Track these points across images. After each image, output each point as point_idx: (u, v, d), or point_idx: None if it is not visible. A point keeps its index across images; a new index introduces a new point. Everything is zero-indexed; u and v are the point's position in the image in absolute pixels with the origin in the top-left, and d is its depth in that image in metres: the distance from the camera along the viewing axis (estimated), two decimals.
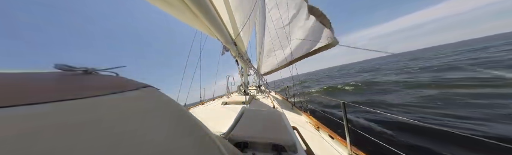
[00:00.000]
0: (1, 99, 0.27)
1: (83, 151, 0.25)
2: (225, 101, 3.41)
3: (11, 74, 0.37)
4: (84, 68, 0.49)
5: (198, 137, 0.43)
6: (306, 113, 3.79)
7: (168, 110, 0.46)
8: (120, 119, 0.34)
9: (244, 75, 5.14)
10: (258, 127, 1.41)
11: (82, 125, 0.29)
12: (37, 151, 0.22)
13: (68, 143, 0.25)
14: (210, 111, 2.24)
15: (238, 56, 3.88)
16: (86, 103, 0.34)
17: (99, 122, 0.31)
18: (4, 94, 0.28)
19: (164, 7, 1.60)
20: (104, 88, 0.42)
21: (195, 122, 0.48)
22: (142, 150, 0.31)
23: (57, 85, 0.37)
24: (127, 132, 0.32)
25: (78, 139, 0.26)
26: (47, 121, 0.27)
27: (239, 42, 3.44)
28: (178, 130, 0.40)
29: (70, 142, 0.25)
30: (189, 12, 1.60)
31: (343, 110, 1.93)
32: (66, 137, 0.26)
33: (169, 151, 0.34)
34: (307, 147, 1.56)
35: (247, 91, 4.94)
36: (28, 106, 0.27)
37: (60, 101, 0.31)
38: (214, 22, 1.88)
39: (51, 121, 0.27)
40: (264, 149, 1.19)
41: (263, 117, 1.73)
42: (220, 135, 1.36)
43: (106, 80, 0.48)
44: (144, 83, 0.51)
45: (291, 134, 1.28)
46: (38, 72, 0.42)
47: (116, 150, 0.28)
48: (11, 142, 0.22)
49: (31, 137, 0.23)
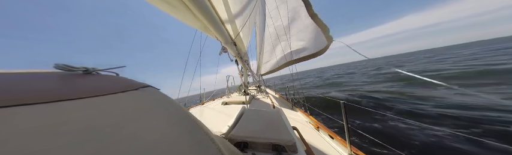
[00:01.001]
0: (1, 99, 0.27)
1: (83, 150, 0.25)
2: (225, 101, 3.41)
3: (11, 74, 0.37)
4: (84, 68, 0.49)
5: (198, 137, 0.43)
6: (306, 113, 3.79)
7: (168, 110, 0.46)
8: (120, 119, 0.34)
9: (244, 75, 5.14)
10: (258, 127, 1.41)
11: (82, 125, 0.29)
12: (37, 151, 0.22)
13: (68, 143, 0.25)
14: (210, 111, 2.24)
15: (238, 57, 3.88)
16: (86, 103, 0.34)
17: (99, 122, 0.31)
18: (4, 94, 0.28)
19: (163, 7, 1.60)
20: (104, 87, 0.42)
21: (195, 122, 0.48)
22: (142, 150, 0.31)
23: (57, 85, 0.37)
24: (127, 132, 0.32)
25: (78, 139, 0.26)
26: (47, 121, 0.27)
27: (239, 43, 3.44)
28: (178, 130, 0.40)
29: (70, 142, 0.26)
30: (188, 12, 1.60)
31: (343, 110, 1.93)
32: (67, 137, 0.26)
33: (168, 151, 0.34)
34: (307, 147, 1.56)
35: (247, 91, 4.93)
36: (28, 106, 0.27)
37: (60, 101, 0.31)
38: (213, 22, 1.88)
39: (51, 121, 0.27)
40: (263, 149, 1.19)
41: (263, 117, 1.73)
42: (220, 135, 1.36)
43: (106, 80, 0.48)
44: (144, 83, 0.51)
45: (291, 134, 1.28)
46: (38, 72, 0.43)
47: (115, 150, 0.28)
48: (11, 142, 0.22)
49: (31, 137, 0.23)
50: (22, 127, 0.24)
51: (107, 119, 0.32)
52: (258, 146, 1.20)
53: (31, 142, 0.23)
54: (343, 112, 1.93)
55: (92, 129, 0.29)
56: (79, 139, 0.27)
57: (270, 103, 3.60)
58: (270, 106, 3.36)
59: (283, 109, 4.02)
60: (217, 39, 2.73)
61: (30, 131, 0.24)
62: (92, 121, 0.30)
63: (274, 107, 3.26)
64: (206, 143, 0.43)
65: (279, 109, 3.27)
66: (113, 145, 0.29)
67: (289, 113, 3.90)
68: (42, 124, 0.26)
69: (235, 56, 3.83)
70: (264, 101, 3.81)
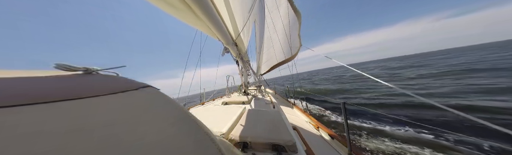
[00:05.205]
0: (1, 99, 0.27)
1: (83, 150, 0.25)
2: (225, 101, 3.40)
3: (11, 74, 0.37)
4: (84, 68, 0.49)
5: (198, 137, 0.43)
6: (306, 113, 3.78)
7: (168, 110, 0.46)
8: (120, 119, 0.34)
9: (244, 76, 5.14)
10: (258, 127, 1.41)
11: (82, 125, 0.29)
12: (37, 151, 0.22)
13: (68, 143, 0.25)
14: (210, 111, 2.24)
15: (239, 57, 3.87)
16: (86, 102, 0.34)
17: (99, 122, 0.31)
18: (4, 94, 0.28)
19: (165, 8, 1.60)
20: (104, 87, 0.42)
21: (195, 122, 0.48)
22: (142, 150, 0.31)
23: (57, 84, 0.37)
24: (127, 132, 0.32)
25: (78, 138, 0.26)
26: (47, 121, 0.27)
27: (239, 43, 3.44)
28: (178, 130, 0.40)
29: (70, 141, 0.26)
30: (190, 12, 1.60)
31: (343, 110, 1.93)
32: (67, 137, 0.26)
33: (169, 151, 0.34)
34: (307, 147, 1.56)
35: (247, 91, 4.93)
36: (28, 106, 0.27)
37: (60, 101, 0.31)
38: (215, 22, 1.88)
39: (51, 121, 0.27)
40: (264, 149, 1.19)
41: (263, 117, 1.73)
42: (220, 135, 1.36)
43: (106, 80, 0.48)
44: (144, 83, 0.51)
45: (291, 134, 1.28)
46: (38, 72, 0.43)
47: (116, 150, 0.28)
48: (12, 142, 0.22)
49: (31, 137, 0.23)
50: (22, 127, 0.24)
51: (107, 119, 0.32)
52: (258, 146, 1.20)
53: (31, 142, 0.23)
54: (343, 112, 1.93)
55: (92, 129, 0.29)
56: (79, 138, 0.27)
57: (270, 103, 3.60)
58: (270, 106, 3.36)
59: (283, 109, 4.01)
60: (219, 40, 2.73)
61: (30, 131, 0.24)
62: (92, 121, 0.30)
63: (274, 107, 3.26)
64: (206, 143, 0.43)
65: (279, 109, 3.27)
66: (113, 145, 0.29)
67: (289, 113, 3.89)
68: (42, 124, 0.26)
69: (236, 56, 3.83)
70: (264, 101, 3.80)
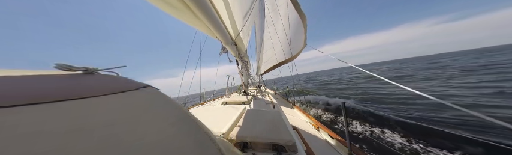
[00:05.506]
0: (1, 99, 0.27)
1: (83, 150, 0.25)
2: (225, 101, 3.40)
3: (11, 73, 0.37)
4: (84, 68, 0.49)
5: (198, 137, 0.43)
6: (306, 113, 3.79)
7: (168, 110, 0.46)
8: (120, 119, 0.34)
9: (244, 76, 5.13)
10: (258, 127, 1.41)
11: (82, 125, 0.29)
12: (37, 151, 0.22)
13: (68, 143, 0.25)
14: (210, 111, 2.24)
15: (238, 57, 3.87)
16: (86, 103, 0.34)
17: (99, 122, 0.31)
18: (4, 94, 0.28)
19: (164, 7, 1.60)
20: (104, 87, 0.42)
21: (195, 122, 0.48)
22: (142, 150, 0.31)
23: (57, 84, 0.37)
24: (127, 132, 0.32)
25: (78, 138, 0.26)
26: (47, 121, 0.27)
27: (239, 43, 3.44)
28: (178, 130, 0.40)
29: (70, 141, 0.25)
30: (189, 12, 1.60)
31: (343, 110, 1.93)
32: (67, 137, 0.26)
33: (169, 151, 0.34)
34: (307, 147, 1.56)
35: (247, 91, 4.92)
36: (28, 106, 0.27)
37: (60, 101, 0.31)
38: (214, 22, 1.88)
39: (51, 121, 0.27)
40: (263, 149, 1.19)
41: (263, 117, 1.72)
42: (220, 135, 1.36)
43: (106, 80, 0.48)
44: (144, 83, 0.51)
45: (291, 134, 1.27)
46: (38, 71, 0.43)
47: (116, 150, 0.28)
48: (12, 142, 0.22)
49: (31, 137, 0.23)
50: (22, 127, 0.24)
51: (107, 119, 0.32)
52: (258, 146, 1.20)
53: (31, 142, 0.23)
54: (344, 112, 1.93)
55: (92, 129, 0.29)
56: (79, 138, 0.27)
57: (270, 103, 3.60)
58: (270, 106, 3.36)
59: (283, 109, 4.01)
60: (218, 39, 2.73)
61: (30, 131, 0.24)
62: (92, 121, 0.30)
63: (274, 107, 3.26)
64: (206, 143, 0.43)
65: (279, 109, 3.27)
66: (113, 145, 0.29)
67: (289, 113, 3.89)
68: (42, 124, 0.26)
69: (235, 56, 3.83)
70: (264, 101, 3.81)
